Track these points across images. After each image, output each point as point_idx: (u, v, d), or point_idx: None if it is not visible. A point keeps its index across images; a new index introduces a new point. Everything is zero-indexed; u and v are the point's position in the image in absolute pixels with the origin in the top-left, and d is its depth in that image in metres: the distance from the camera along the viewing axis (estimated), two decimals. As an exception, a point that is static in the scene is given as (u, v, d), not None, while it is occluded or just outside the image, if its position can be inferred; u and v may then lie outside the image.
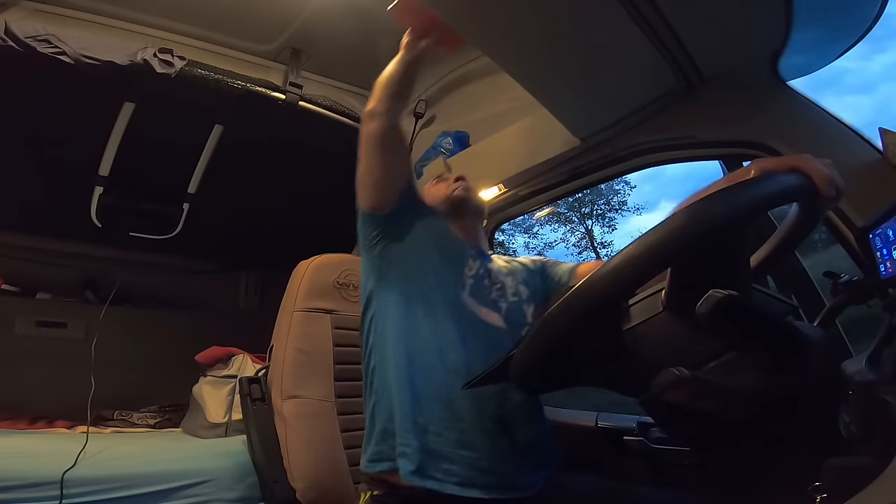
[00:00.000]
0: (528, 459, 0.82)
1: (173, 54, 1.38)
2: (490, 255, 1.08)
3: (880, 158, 0.86)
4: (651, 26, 0.87)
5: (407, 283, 0.91)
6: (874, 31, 0.85)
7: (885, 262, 0.55)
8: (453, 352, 0.84)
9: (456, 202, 1.06)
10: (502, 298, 0.96)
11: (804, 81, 0.98)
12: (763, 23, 0.86)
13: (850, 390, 0.52)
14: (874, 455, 0.44)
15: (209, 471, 1.22)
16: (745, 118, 1.02)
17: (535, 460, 0.83)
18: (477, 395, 0.79)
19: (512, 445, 0.81)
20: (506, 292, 0.98)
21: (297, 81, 1.61)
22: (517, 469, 0.80)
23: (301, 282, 1.16)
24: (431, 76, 1.70)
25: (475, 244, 1.06)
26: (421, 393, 0.82)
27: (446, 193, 1.08)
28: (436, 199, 1.09)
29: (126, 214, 1.87)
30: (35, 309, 2.05)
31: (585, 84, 1.08)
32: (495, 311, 0.92)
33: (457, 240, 1.01)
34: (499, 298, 0.95)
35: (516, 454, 0.81)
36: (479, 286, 0.93)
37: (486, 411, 0.80)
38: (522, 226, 13.60)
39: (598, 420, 1.27)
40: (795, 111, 0.97)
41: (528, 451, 0.82)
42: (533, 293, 1.02)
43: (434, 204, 1.08)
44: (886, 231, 0.55)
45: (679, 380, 0.49)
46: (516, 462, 0.80)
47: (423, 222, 0.97)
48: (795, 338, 0.53)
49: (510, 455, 0.80)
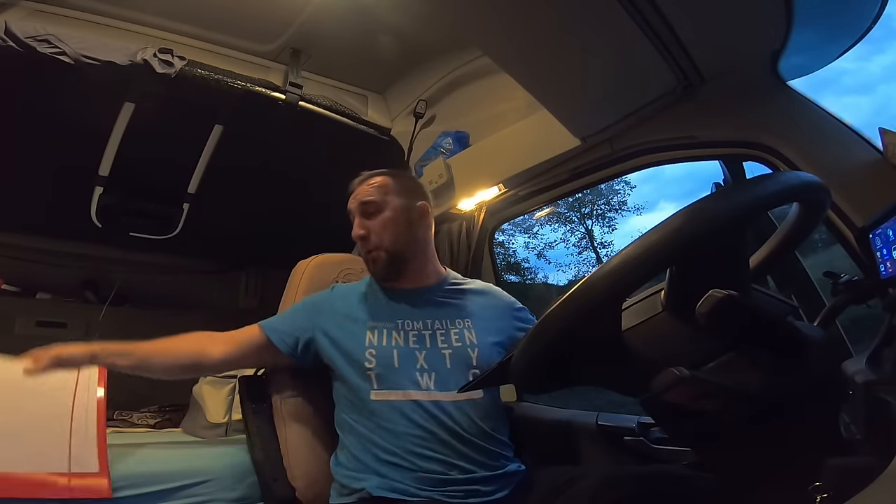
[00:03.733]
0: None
1: (173, 54, 1.38)
2: (445, 282, 1.07)
3: (880, 158, 0.86)
4: (651, 26, 0.87)
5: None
6: (873, 31, 0.85)
7: (885, 262, 0.55)
8: (384, 445, 0.89)
9: (376, 272, 1.03)
10: (446, 345, 0.96)
11: (803, 82, 0.98)
12: (763, 23, 0.86)
13: (850, 390, 0.52)
14: (874, 455, 0.44)
15: (209, 471, 1.22)
16: (745, 118, 1.02)
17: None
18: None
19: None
20: (449, 338, 0.97)
21: (297, 81, 1.60)
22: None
23: (300, 281, 1.16)
24: (431, 76, 1.70)
25: (416, 287, 1.04)
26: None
27: (362, 253, 1.05)
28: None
29: (126, 214, 1.86)
30: (35, 309, 2.05)
31: (585, 84, 1.08)
32: (425, 375, 0.92)
33: (372, 312, 1.01)
34: (438, 349, 0.96)
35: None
36: (400, 359, 0.94)
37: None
38: (522, 226, 13.60)
39: (598, 420, 1.27)
40: (795, 111, 0.97)
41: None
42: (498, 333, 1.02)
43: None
44: (886, 231, 0.55)
45: (679, 380, 0.49)
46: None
47: (332, 325, 1.00)
48: (795, 338, 0.53)
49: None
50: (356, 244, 1.04)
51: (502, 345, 1.01)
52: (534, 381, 0.63)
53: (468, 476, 0.86)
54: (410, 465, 0.86)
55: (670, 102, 1.10)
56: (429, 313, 1.00)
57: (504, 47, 1.00)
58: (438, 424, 0.88)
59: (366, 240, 1.01)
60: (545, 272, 13.20)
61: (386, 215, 1.02)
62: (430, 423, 0.88)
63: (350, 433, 0.94)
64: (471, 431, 0.89)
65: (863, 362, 0.53)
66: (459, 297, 1.06)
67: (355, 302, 1.03)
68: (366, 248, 1.02)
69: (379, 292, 1.05)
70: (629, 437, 1.18)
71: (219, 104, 1.59)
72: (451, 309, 1.03)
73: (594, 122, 1.21)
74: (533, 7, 0.86)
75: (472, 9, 0.90)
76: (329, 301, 1.05)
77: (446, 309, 1.02)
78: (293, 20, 1.48)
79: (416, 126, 1.75)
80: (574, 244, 13.37)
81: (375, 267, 1.02)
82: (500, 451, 0.93)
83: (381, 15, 1.43)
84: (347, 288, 1.09)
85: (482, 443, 0.90)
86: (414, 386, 0.91)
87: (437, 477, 0.85)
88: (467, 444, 0.88)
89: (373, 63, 1.70)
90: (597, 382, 0.67)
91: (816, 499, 0.47)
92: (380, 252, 1.00)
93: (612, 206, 13.60)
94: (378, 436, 0.89)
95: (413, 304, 1.01)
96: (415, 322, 0.98)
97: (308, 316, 1.03)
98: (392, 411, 0.90)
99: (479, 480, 0.86)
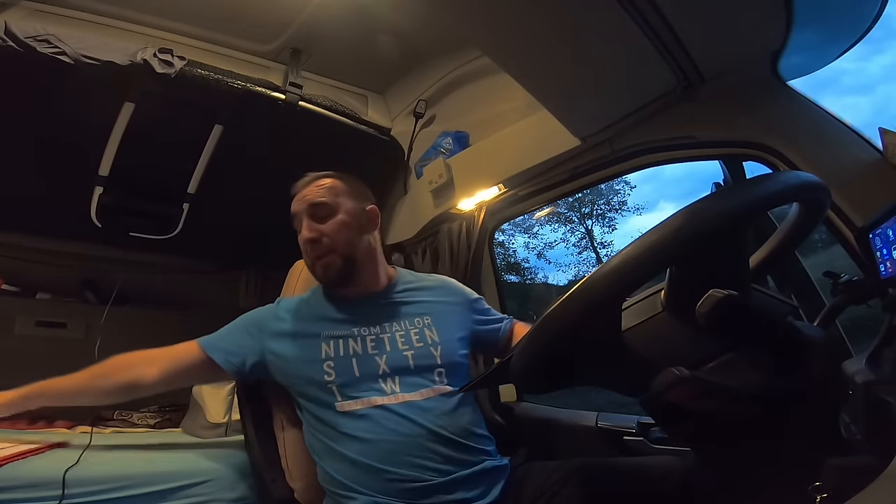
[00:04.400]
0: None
1: (173, 54, 1.38)
2: (398, 284, 1.04)
3: (880, 158, 0.86)
4: (651, 26, 0.87)
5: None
6: (873, 32, 0.85)
7: (885, 262, 0.55)
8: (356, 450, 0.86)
9: (328, 279, 0.99)
10: (407, 346, 0.94)
11: (803, 82, 0.98)
12: (763, 23, 0.86)
13: (850, 390, 0.52)
14: (874, 455, 0.44)
15: (209, 471, 1.22)
16: (745, 118, 1.02)
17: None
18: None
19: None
20: (409, 338, 0.95)
21: (297, 81, 1.60)
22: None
23: (297, 280, 1.16)
24: (431, 76, 1.70)
25: (369, 291, 1.01)
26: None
27: (308, 259, 1.00)
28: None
29: (126, 214, 1.86)
30: (35, 309, 2.05)
31: (585, 84, 1.08)
32: (388, 379, 0.90)
33: (324, 322, 0.97)
34: (399, 351, 0.93)
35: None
36: (359, 372, 0.91)
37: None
38: (522, 226, 13.60)
39: (598, 420, 1.27)
40: (795, 111, 0.97)
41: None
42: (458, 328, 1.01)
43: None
44: (886, 231, 0.55)
45: (679, 380, 0.49)
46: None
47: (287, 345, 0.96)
48: (795, 338, 0.53)
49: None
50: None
51: (466, 339, 1.00)
52: (533, 381, 0.63)
53: (449, 479, 0.83)
54: (389, 474, 0.82)
55: (670, 102, 1.10)
56: (385, 316, 0.98)
57: (504, 47, 1.00)
58: (412, 426, 0.85)
59: (316, 243, 0.96)
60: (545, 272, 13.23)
61: (339, 218, 0.98)
62: (403, 427, 0.85)
63: (324, 455, 0.90)
64: (447, 428, 0.86)
65: (863, 362, 0.53)
66: (415, 296, 1.03)
67: (305, 316, 0.99)
68: (316, 252, 0.97)
69: (328, 302, 1.01)
70: (629, 437, 1.18)
71: (219, 104, 1.58)
72: (407, 309, 1.00)
73: (594, 122, 1.21)
74: (533, 7, 0.86)
75: (472, 9, 0.90)
76: (274, 319, 1.00)
77: (403, 309, 1.00)
78: (293, 20, 1.48)
79: (416, 126, 1.75)
80: (574, 244, 13.39)
81: (327, 272, 0.97)
82: (480, 447, 0.90)
83: (381, 15, 1.43)
84: (294, 302, 1.04)
85: (459, 439, 0.87)
86: (378, 392, 0.88)
87: (418, 485, 0.82)
88: (444, 442, 0.85)
89: (373, 63, 1.70)
90: (597, 382, 0.67)
91: (816, 499, 0.47)
92: (333, 257, 0.96)
93: (612, 206, 13.62)
94: (351, 450, 0.85)
95: (367, 310, 0.98)
96: (371, 327, 0.95)
97: (253, 336, 0.99)
98: (361, 421, 0.87)
99: (461, 482, 0.84)
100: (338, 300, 1.01)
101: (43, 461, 1.10)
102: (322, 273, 0.98)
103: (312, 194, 1.00)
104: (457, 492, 0.83)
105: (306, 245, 0.98)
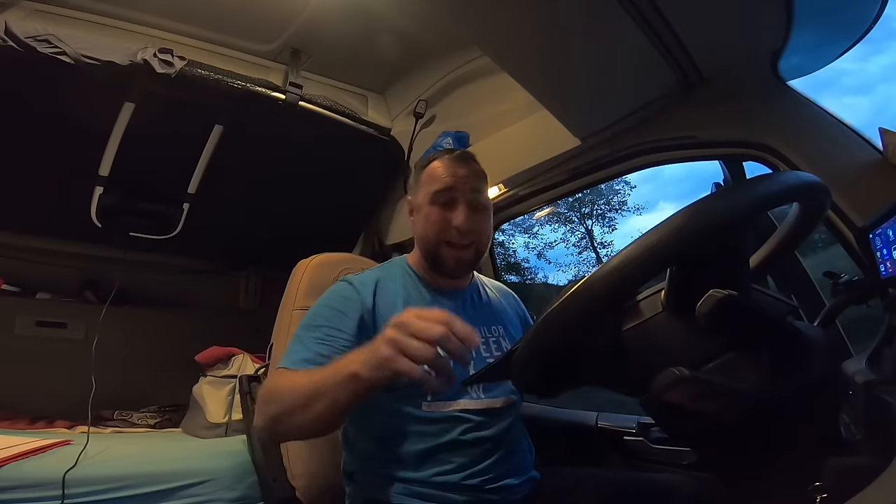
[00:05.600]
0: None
1: (173, 54, 1.38)
2: (476, 283, 1.01)
3: (880, 158, 0.86)
4: (651, 26, 0.87)
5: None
6: (873, 32, 0.85)
7: (885, 262, 0.55)
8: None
9: (453, 269, 0.92)
10: (488, 354, 0.91)
11: (803, 82, 0.98)
12: (763, 23, 0.86)
13: (850, 390, 0.52)
14: (874, 455, 0.44)
15: (209, 471, 1.22)
16: (744, 118, 1.02)
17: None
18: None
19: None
20: (489, 345, 0.92)
21: (297, 81, 1.61)
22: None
23: (301, 280, 1.16)
24: (431, 76, 1.70)
25: (458, 288, 0.97)
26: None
27: (443, 240, 0.90)
28: (421, 228, 0.92)
29: (126, 214, 1.86)
30: (35, 309, 2.05)
31: (585, 84, 1.08)
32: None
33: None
34: (482, 358, 0.90)
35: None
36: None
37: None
38: (522, 226, 13.60)
39: (598, 420, 1.27)
40: (795, 111, 0.97)
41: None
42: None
43: (417, 230, 0.95)
44: (886, 231, 0.55)
45: (679, 380, 0.49)
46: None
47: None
48: (795, 338, 0.53)
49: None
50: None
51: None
52: (534, 381, 0.63)
53: (500, 484, 0.83)
54: (456, 471, 0.81)
55: (670, 102, 1.10)
56: (471, 317, 0.93)
57: (504, 47, 1.00)
58: (486, 430, 0.84)
59: (469, 234, 0.89)
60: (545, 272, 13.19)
61: (489, 216, 0.94)
62: (478, 432, 0.83)
63: (378, 441, 0.85)
64: (513, 437, 0.88)
65: (863, 362, 0.53)
66: (488, 300, 1.02)
67: (399, 301, 0.90)
68: (463, 241, 0.89)
69: (424, 289, 0.94)
70: (629, 437, 1.18)
71: (219, 104, 1.59)
72: (485, 314, 0.98)
73: (594, 122, 1.21)
74: (533, 7, 0.86)
75: (472, 9, 0.90)
76: (363, 300, 0.87)
77: (482, 313, 0.98)
78: (293, 20, 1.48)
79: (416, 126, 1.75)
80: (574, 244, 13.39)
81: (460, 264, 0.91)
82: (530, 460, 0.93)
83: (381, 15, 1.43)
84: (371, 279, 0.91)
85: (519, 448, 0.90)
86: (467, 395, 0.85)
87: (475, 483, 0.81)
88: (509, 450, 0.86)
89: (373, 63, 1.70)
90: (597, 382, 0.67)
91: (816, 499, 0.47)
92: (471, 251, 0.91)
93: (612, 206, 13.61)
94: (419, 446, 0.82)
95: (457, 307, 0.94)
96: None
97: (353, 319, 0.84)
98: (445, 423, 0.83)
99: (508, 488, 0.85)
100: (430, 289, 0.94)
101: (43, 461, 1.10)
102: (455, 263, 0.91)
103: (476, 180, 0.92)
104: (501, 493, 0.83)
105: (457, 230, 0.88)
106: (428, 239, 0.91)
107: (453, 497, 0.80)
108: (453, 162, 0.92)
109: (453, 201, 0.90)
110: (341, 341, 0.80)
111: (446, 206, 0.90)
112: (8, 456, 1.05)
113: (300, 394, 0.67)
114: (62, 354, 1.98)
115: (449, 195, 0.90)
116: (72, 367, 1.75)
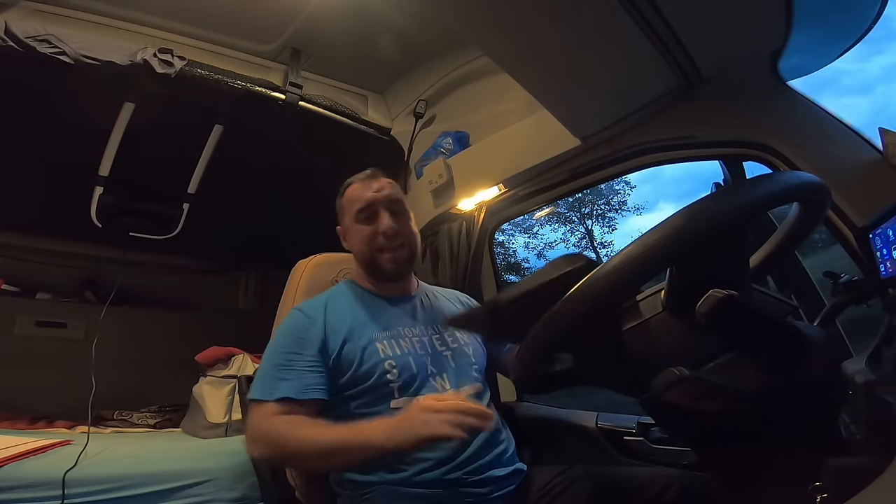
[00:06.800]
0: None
1: (173, 54, 1.38)
2: (422, 289, 1.07)
3: (880, 158, 0.86)
4: (651, 26, 0.87)
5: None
6: (872, 32, 0.85)
7: (885, 262, 0.55)
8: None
9: (393, 270, 0.98)
10: (444, 347, 0.95)
11: (803, 82, 0.99)
12: (763, 23, 0.86)
13: (850, 390, 0.52)
14: (874, 455, 0.44)
15: (209, 471, 1.22)
16: (745, 118, 1.02)
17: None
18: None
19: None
20: (444, 340, 0.97)
21: (297, 81, 1.61)
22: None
23: (300, 280, 1.16)
24: (431, 76, 1.70)
25: (404, 295, 1.03)
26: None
27: (375, 248, 0.97)
28: (356, 245, 1.00)
29: (126, 214, 1.86)
30: (35, 309, 2.05)
31: (585, 84, 1.08)
32: (437, 378, 0.90)
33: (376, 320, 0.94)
34: (439, 352, 0.94)
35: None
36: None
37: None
38: (522, 226, 13.62)
39: (598, 420, 1.27)
40: (795, 111, 0.97)
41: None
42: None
43: (353, 249, 1.01)
44: (886, 231, 0.55)
45: (679, 380, 0.49)
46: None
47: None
48: (795, 338, 0.53)
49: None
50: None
51: (481, 343, 1.04)
52: (534, 380, 0.63)
53: (484, 476, 0.85)
54: (433, 472, 0.82)
55: (670, 102, 1.10)
56: (421, 319, 1.00)
57: (504, 47, 1.00)
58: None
59: (397, 236, 0.97)
60: (545, 272, 13.17)
61: (410, 218, 1.02)
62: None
63: None
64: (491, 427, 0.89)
65: (863, 362, 0.53)
66: (438, 302, 1.08)
67: (347, 316, 0.94)
68: (393, 243, 0.97)
69: (371, 301, 0.99)
70: (629, 437, 1.18)
71: (219, 104, 1.58)
72: (435, 314, 1.03)
73: (594, 122, 1.21)
74: (533, 7, 0.86)
75: (472, 9, 0.90)
76: (311, 327, 0.91)
77: (431, 315, 1.03)
78: (293, 20, 1.48)
79: (416, 126, 1.75)
80: (574, 244, 13.41)
81: (398, 264, 0.98)
82: (513, 451, 0.93)
83: (381, 15, 1.43)
84: (320, 303, 0.96)
85: (496, 439, 0.90)
86: (432, 390, 0.88)
87: (458, 477, 0.83)
88: (486, 440, 0.87)
89: (373, 63, 1.70)
90: (597, 382, 0.67)
91: (816, 499, 0.47)
92: (405, 251, 0.98)
93: (612, 206, 13.66)
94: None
95: (405, 311, 1.00)
96: (412, 329, 0.97)
97: (305, 350, 0.89)
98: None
99: (494, 480, 0.86)
100: (376, 300, 1.00)
101: (43, 461, 1.10)
102: (392, 265, 0.98)
103: (389, 189, 1.00)
104: (487, 486, 0.84)
105: (384, 235, 0.96)
106: (363, 252, 0.99)
107: (439, 493, 0.81)
108: (367, 180, 1.02)
109: (375, 214, 0.98)
110: (306, 363, 0.86)
111: (370, 220, 0.98)
112: (8, 456, 1.05)
113: (308, 449, 0.75)
114: (62, 354, 1.98)
115: (371, 210, 0.98)
116: (72, 367, 1.75)
